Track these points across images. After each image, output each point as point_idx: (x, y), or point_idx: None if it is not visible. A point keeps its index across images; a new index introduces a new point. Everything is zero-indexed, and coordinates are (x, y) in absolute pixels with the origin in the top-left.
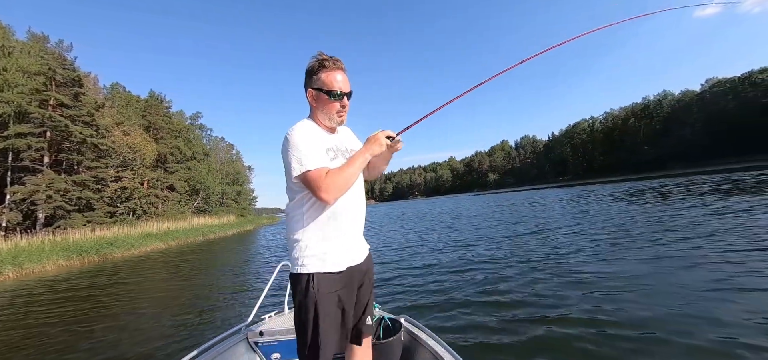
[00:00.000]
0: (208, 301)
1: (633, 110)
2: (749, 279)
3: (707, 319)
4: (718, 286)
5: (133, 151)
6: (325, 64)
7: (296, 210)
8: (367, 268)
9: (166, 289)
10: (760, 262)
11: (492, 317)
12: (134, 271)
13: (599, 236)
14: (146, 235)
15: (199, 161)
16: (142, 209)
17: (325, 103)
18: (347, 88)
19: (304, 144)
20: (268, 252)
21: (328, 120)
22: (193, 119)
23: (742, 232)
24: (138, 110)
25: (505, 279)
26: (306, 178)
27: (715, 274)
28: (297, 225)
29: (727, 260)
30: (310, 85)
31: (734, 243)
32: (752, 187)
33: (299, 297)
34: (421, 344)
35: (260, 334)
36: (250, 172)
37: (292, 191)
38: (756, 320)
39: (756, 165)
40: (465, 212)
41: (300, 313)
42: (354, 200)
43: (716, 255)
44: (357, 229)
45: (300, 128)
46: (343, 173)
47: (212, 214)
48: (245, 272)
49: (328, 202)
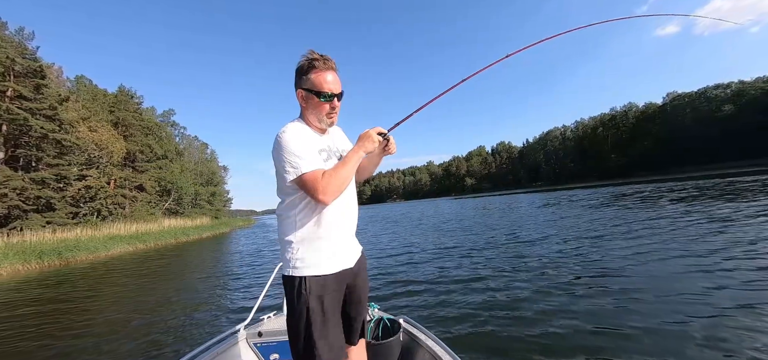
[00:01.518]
0: (181, 310)
1: (601, 120)
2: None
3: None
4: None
5: (99, 149)
6: (315, 63)
7: (288, 211)
8: (358, 269)
9: (136, 294)
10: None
11: (490, 317)
12: (101, 275)
13: (584, 237)
14: (113, 238)
15: (172, 160)
16: (108, 210)
17: (315, 105)
18: (338, 89)
19: (296, 147)
20: (251, 258)
21: (318, 121)
22: (165, 116)
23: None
24: (105, 105)
25: (499, 279)
26: (302, 180)
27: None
28: (289, 227)
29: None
30: (300, 85)
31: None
32: (711, 193)
33: (291, 299)
34: (420, 345)
35: (259, 334)
36: (226, 173)
37: (284, 193)
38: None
39: (712, 173)
40: (446, 215)
41: (292, 316)
42: (346, 202)
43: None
44: (349, 231)
45: (291, 130)
46: (340, 173)
47: (185, 216)
48: (225, 279)
49: (326, 203)
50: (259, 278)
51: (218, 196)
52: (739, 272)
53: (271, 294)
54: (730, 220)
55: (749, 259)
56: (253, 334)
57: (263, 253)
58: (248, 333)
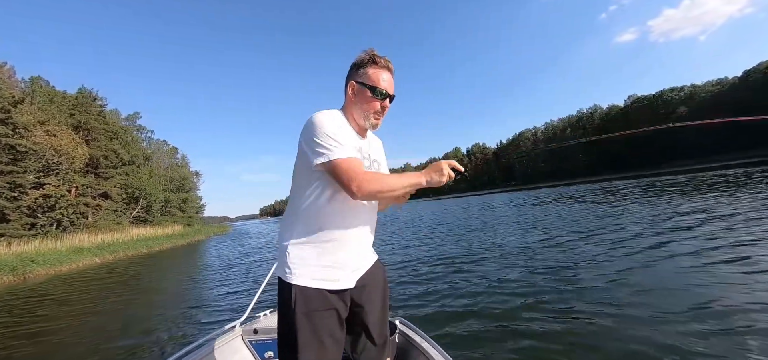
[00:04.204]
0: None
1: (569, 121)
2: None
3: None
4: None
5: (59, 154)
6: (376, 59)
7: (298, 204)
8: (365, 283)
9: (104, 310)
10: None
11: (485, 319)
12: (65, 291)
13: (571, 236)
14: (78, 250)
15: (139, 166)
16: (70, 220)
17: (365, 100)
18: (391, 91)
19: (334, 130)
20: (237, 268)
21: (363, 118)
22: (130, 120)
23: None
24: (64, 108)
25: (494, 279)
26: (333, 166)
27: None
28: (293, 223)
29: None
30: (355, 77)
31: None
32: (666, 190)
33: (282, 307)
34: (415, 347)
35: (254, 331)
36: (198, 179)
37: (298, 182)
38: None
39: (671, 170)
40: (425, 217)
41: (282, 324)
42: (365, 217)
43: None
44: (364, 245)
45: (330, 114)
46: (386, 180)
47: (154, 225)
48: (214, 286)
49: (356, 196)
50: (244, 283)
51: (190, 202)
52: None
53: (267, 291)
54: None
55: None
56: (248, 331)
57: (247, 259)
58: (244, 330)
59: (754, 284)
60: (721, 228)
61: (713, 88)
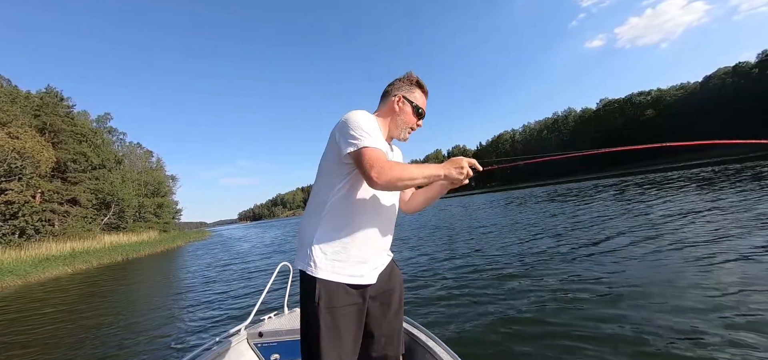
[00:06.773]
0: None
1: (545, 123)
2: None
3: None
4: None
5: (22, 158)
6: (422, 85)
7: (324, 197)
8: (389, 286)
9: (87, 323)
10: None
11: (488, 317)
12: (32, 305)
13: (553, 233)
14: (44, 259)
15: (110, 170)
16: (34, 228)
17: (406, 114)
18: (424, 114)
19: (368, 125)
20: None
21: (397, 129)
22: (100, 121)
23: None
24: (28, 109)
25: (491, 278)
26: (361, 154)
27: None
28: (320, 221)
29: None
30: (404, 92)
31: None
32: (638, 186)
33: (305, 302)
34: (419, 345)
35: (259, 334)
36: (174, 183)
37: (325, 181)
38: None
39: (641, 170)
40: (420, 217)
41: (304, 318)
42: (385, 214)
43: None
44: (385, 244)
45: (366, 113)
46: (407, 169)
47: (128, 231)
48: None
49: (376, 184)
50: (229, 291)
51: (166, 207)
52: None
53: (271, 293)
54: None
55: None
56: (253, 334)
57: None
58: (249, 333)
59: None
60: (689, 222)
61: (677, 93)
